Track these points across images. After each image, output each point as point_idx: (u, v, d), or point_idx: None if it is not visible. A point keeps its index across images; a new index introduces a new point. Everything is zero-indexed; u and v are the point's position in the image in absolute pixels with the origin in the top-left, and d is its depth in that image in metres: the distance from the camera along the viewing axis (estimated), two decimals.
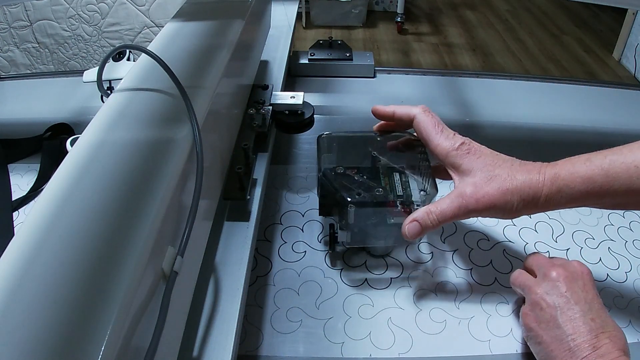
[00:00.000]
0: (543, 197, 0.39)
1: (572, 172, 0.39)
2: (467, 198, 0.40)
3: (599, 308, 0.38)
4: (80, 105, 0.74)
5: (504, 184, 0.40)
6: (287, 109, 0.58)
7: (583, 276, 0.40)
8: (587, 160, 0.39)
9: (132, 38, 1.62)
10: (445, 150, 0.43)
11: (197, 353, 0.35)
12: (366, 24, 2.87)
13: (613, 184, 0.37)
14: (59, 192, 0.28)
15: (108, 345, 0.21)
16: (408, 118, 0.47)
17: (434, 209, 0.41)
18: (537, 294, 0.40)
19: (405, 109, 0.47)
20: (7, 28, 1.63)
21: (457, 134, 0.44)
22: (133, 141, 0.33)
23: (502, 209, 0.40)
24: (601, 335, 0.36)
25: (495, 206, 0.40)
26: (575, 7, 3.10)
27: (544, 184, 0.39)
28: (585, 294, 0.39)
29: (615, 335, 0.36)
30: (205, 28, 0.49)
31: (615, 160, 0.38)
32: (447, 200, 0.41)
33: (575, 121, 0.73)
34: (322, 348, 0.43)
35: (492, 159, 0.42)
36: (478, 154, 0.42)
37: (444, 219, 0.41)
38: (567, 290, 0.39)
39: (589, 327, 0.36)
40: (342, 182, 0.46)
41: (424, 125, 0.45)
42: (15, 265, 0.24)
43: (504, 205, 0.40)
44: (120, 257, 0.24)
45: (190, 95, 0.36)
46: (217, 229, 0.44)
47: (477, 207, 0.40)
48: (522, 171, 0.40)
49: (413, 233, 0.42)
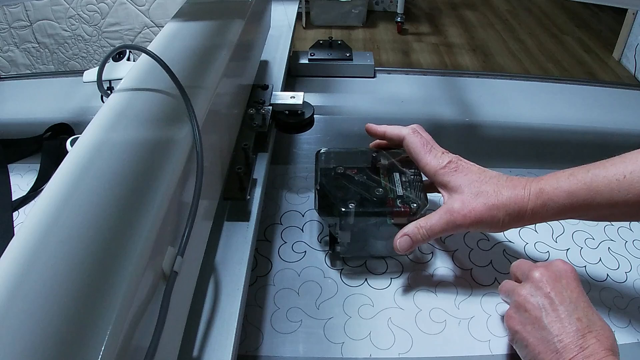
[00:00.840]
0: (529, 212, 0.41)
1: (556, 187, 0.40)
2: (455, 214, 0.42)
3: (585, 306, 0.37)
4: (80, 105, 0.74)
5: (490, 200, 0.41)
6: (287, 109, 0.58)
7: (567, 274, 0.40)
8: (570, 175, 0.40)
9: (132, 38, 1.62)
10: (434, 169, 0.45)
11: (197, 353, 0.35)
12: (366, 24, 2.87)
13: (595, 198, 0.39)
14: (59, 192, 0.28)
15: (108, 345, 0.21)
16: (398, 138, 0.48)
17: (424, 223, 0.43)
18: (520, 296, 0.40)
19: (395, 130, 0.49)
20: (7, 28, 1.63)
21: (447, 152, 0.46)
22: (133, 141, 0.33)
23: (489, 224, 0.42)
24: (588, 335, 0.35)
25: (482, 221, 0.42)
26: (575, 7, 3.10)
27: (529, 199, 0.41)
28: (570, 292, 0.38)
29: (603, 334, 0.35)
30: (205, 28, 0.49)
31: (598, 175, 0.39)
32: (436, 216, 0.43)
33: (575, 121, 0.73)
34: (322, 348, 0.43)
35: (479, 176, 0.43)
36: (465, 172, 0.44)
37: (433, 233, 0.43)
38: (551, 290, 0.38)
39: (575, 327, 0.36)
40: (338, 192, 0.47)
41: (413, 145, 0.47)
42: (15, 265, 0.24)
43: (491, 220, 0.41)
44: (120, 257, 0.24)
45: (190, 95, 0.36)
46: (217, 229, 0.44)
47: (465, 222, 0.42)
48: (508, 187, 0.42)
49: (404, 247, 0.44)
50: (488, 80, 0.83)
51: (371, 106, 0.76)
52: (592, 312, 0.37)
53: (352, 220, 0.46)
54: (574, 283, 0.39)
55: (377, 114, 0.74)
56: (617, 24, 2.61)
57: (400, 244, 0.44)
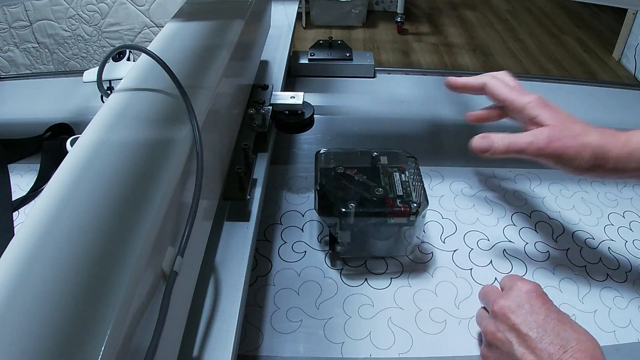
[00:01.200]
0: (613, 158, 0.40)
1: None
2: (541, 138, 0.41)
3: (555, 325, 0.36)
4: (80, 105, 0.74)
5: (579, 137, 0.41)
6: (287, 109, 0.58)
7: (529, 296, 0.38)
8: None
9: (132, 38, 1.62)
10: (523, 103, 0.44)
11: (197, 353, 0.35)
12: (366, 24, 2.87)
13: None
14: (59, 192, 0.28)
15: (108, 345, 0.21)
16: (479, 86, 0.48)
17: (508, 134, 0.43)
18: (488, 334, 0.39)
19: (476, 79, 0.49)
20: (7, 28, 1.63)
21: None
22: (133, 141, 0.33)
23: (571, 161, 0.41)
24: (564, 356, 0.34)
25: (565, 154, 0.41)
26: (575, 7, 3.10)
27: (615, 145, 0.40)
28: (536, 316, 0.37)
29: (580, 349, 0.34)
30: (205, 28, 0.49)
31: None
32: (522, 134, 0.42)
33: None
34: (322, 348, 0.43)
35: (568, 116, 0.43)
36: (554, 109, 0.44)
37: (514, 146, 0.42)
38: (515, 320, 0.37)
39: (548, 353, 0.34)
40: (338, 192, 0.47)
41: (496, 88, 0.47)
42: (15, 265, 0.24)
43: (575, 156, 0.40)
44: (120, 257, 0.24)
45: (190, 95, 0.36)
46: (217, 229, 0.44)
47: (548, 149, 0.41)
48: (597, 131, 0.41)
49: (479, 145, 0.43)
50: None
51: (371, 106, 0.76)
52: (564, 329, 0.36)
53: (352, 220, 0.46)
54: (538, 304, 0.38)
55: (377, 114, 0.74)
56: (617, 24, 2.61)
57: (477, 141, 0.43)
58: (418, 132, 0.71)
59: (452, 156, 0.66)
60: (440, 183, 0.61)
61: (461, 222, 0.56)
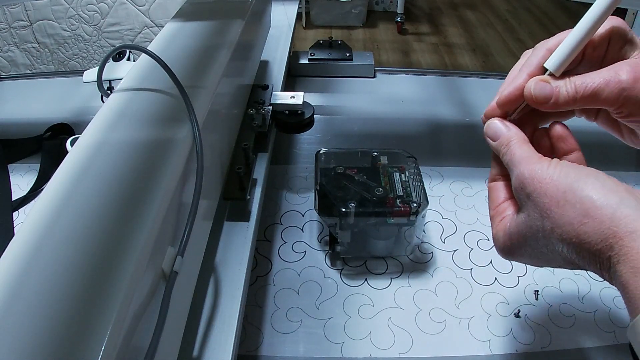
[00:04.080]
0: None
1: None
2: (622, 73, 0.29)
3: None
4: (80, 105, 0.74)
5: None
6: (287, 109, 0.58)
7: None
8: None
9: (132, 38, 1.62)
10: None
11: (197, 353, 0.35)
12: (366, 24, 2.87)
13: None
14: (59, 192, 0.28)
15: (108, 345, 0.21)
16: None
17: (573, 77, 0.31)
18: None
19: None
20: (7, 28, 1.63)
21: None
22: (133, 141, 0.33)
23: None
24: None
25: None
26: (575, 7, 3.10)
27: None
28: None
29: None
30: (205, 28, 0.49)
31: None
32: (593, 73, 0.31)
33: (575, 121, 0.72)
34: (322, 348, 0.43)
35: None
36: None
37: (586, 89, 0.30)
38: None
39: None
40: (338, 192, 0.47)
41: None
42: (16, 265, 0.24)
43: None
44: (120, 257, 0.24)
45: (190, 95, 0.36)
46: (217, 229, 0.44)
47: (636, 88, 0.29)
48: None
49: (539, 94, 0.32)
50: (488, 80, 0.83)
51: (371, 106, 0.76)
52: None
53: (352, 220, 0.46)
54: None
55: (377, 114, 0.74)
56: None
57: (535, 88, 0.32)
58: (418, 132, 0.71)
59: (452, 156, 0.66)
60: (440, 183, 0.61)
61: (461, 222, 0.56)
